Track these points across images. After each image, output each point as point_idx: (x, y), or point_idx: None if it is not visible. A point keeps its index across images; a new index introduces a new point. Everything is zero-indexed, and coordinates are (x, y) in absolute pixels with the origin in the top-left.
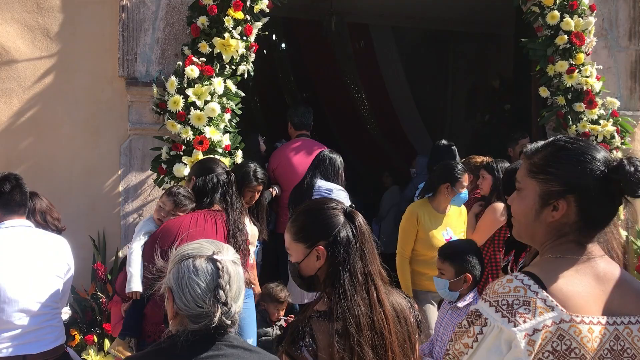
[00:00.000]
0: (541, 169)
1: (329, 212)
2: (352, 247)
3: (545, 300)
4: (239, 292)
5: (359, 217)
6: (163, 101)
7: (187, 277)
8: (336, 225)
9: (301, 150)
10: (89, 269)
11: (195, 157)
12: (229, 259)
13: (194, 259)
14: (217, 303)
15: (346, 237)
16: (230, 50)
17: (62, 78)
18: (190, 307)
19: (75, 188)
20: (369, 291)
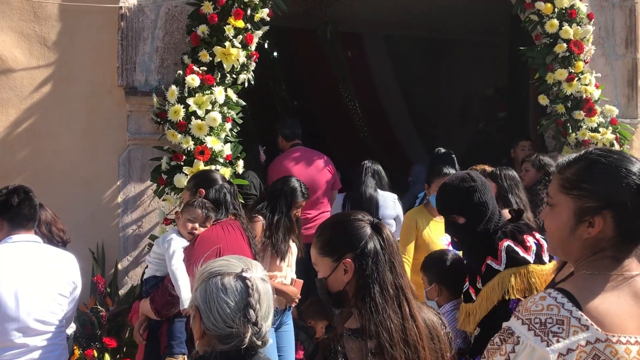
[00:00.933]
0: (574, 185)
1: (355, 223)
2: (381, 259)
3: (580, 319)
4: (268, 310)
5: (386, 229)
6: (163, 111)
7: (216, 295)
8: (363, 237)
9: (301, 160)
10: (88, 282)
11: (196, 167)
12: (258, 277)
13: (222, 277)
14: (248, 323)
15: (374, 248)
16: (231, 59)
17: (59, 87)
18: (219, 327)
19: (74, 199)
20: (400, 305)
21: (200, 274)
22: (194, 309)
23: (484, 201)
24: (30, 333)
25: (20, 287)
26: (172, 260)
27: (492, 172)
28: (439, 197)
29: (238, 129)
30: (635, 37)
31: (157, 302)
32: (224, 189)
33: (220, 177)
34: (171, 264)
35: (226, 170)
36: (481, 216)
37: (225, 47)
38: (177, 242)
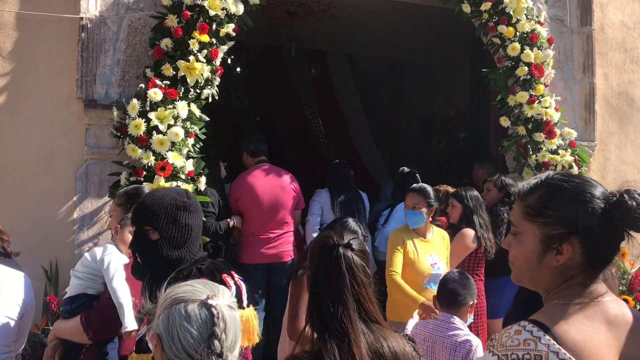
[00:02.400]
0: (539, 212)
1: (319, 243)
2: (329, 282)
3: (558, 354)
4: (235, 340)
5: (349, 254)
6: (123, 125)
7: (179, 324)
8: (320, 251)
9: (265, 178)
10: (41, 301)
11: (157, 184)
12: (225, 304)
13: (187, 304)
14: (212, 354)
15: (321, 271)
16: (195, 73)
17: (15, 99)
18: (182, 358)
19: (27, 215)
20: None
21: (164, 299)
22: (156, 337)
23: (189, 224)
24: None
25: None
26: (114, 279)
27: (457, 193)
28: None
29: (201, 145)
30: (592, 62)
31: (93, 324)
32: None
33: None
34: (113, 283)
35: (188, 187)
36: (178, 239)
37: (190, 62)
38: (117, 258)
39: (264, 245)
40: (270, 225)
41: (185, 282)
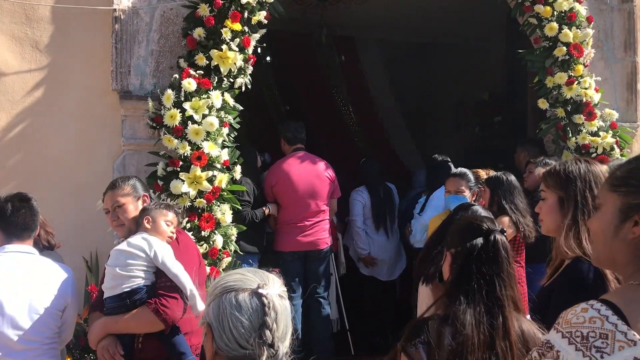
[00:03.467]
0: (623, 182)
1: (473, 224)
2: (477, 262)
3: (626, 334)
4: (286, 330)
5: (500, 239)
6: (159, 115)
7: (229, 313)
8: (470, 237)
9: (301, 165)
10: (82, 292)
11: (193, 173)
12: (275, 293)
13: (237, 293)
14: (263, 345)
15: (473, 249)
16: (228, 62)
17: (52, 92)
18: (232, 348)
19: (67, 206)
20: (491, 312)
21: (214, 288)
22: (206, 326)
23: None
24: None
25: (9, 300)
26: (174, 267)
27: (487, 178)
28: None
29: (235, 134)
30: (634, 40)
31: (174, 309)
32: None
33: None
34: (174, 270)
35: (223, 176)
36: None
37: (222, 50)
38: (165, 248)
39: (300, 233)
40: (306, 213)
41: (236, 271)
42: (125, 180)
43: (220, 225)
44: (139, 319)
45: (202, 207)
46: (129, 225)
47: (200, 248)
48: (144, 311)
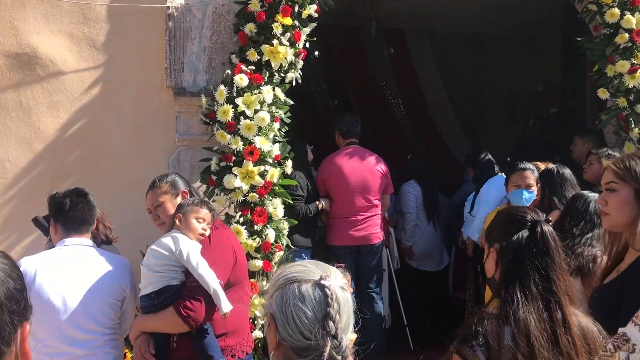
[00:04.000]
0: None
1: (515, 216)
2: (528, 255)
3: None
4: (349, 322)
5: (547, 229)
6: (212, 111)
7: (292, 304)
8: (516, 230)
9: (353, 159)
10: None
11: (245, 168)
12: (337, 285)
13: (300, 284)
14: (327, 335)
15: (521, 243)
16: (279, 57)
17: (109, 89)
18: (296, 339)
19: (124, 201)
20: (548, 307)
21: (276, 279)
22: (269, 317)
23: None
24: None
25: (70, 292)
26: (199, 266)
27: (540, 172)
28: None
29: (286, 129)
30: None
31: (198, 311)
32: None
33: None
34: (199, 270)
35: (275, 171)
36: None
37: (273, 45)
38: (192, 246)
39: (352, 228)
40: (357, 208)
41: (297, 262)
42: (163, 179)
43: (272, 220)
44: (165, 319)
45: (254, 202)
46: (169, 223)
47: (252, 242)
48: (169, 312)
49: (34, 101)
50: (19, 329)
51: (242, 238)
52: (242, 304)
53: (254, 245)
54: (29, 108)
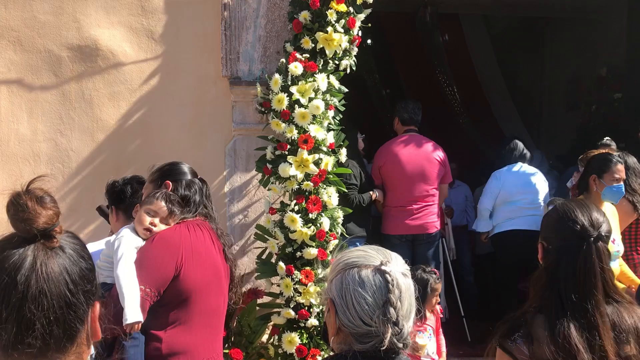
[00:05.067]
0: None
1: (565, 221)
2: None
3: None
4: (410, 309)
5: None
6: (267, 100)
7: (352, 289)
8: (564, 232)
9: (409, 145)
10: None
11: (300, 157)
12: (399, 271)
13: (360, 269)
14: (387, 322)
15: (567, 248)
16: (334, 44)
17: (167, 80)
18: (356, 324)
19: None
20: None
21: (336, 264)
22: (329, 302)
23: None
24: None
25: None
26: (120, 263)
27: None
28: None
29: (340, 117)
30: None
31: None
32: (195, 185)
33: (190, 170)
34: (117, 269)
35: (329, 159)
36: None
37: (327, 33)
38: (128, 240)
39: (408, 217)
40: (414, 196)
41: (357, 248)
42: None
43: (326, 208)
44: None
45: (309, 190)
46: None
47: (307, 230)
48: None
49: (96, 92)
50: (90, 308)
51: (296, 226)
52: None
53: (308, 233)
54: (91, 99)
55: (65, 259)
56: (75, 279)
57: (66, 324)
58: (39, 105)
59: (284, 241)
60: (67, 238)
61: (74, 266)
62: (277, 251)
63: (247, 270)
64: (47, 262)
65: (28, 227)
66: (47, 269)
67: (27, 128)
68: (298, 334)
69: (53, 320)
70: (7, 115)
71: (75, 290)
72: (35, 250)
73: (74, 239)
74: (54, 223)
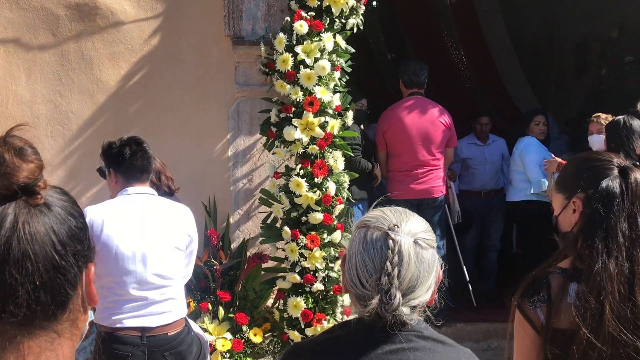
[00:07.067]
0: None
1: (598, 162)
2: (618, 205)
3: None
4: (417, 282)
5: (636, 175)
6: (271, 60)
7: (356, 249)
8: (601, 177)
9: (414, 110)
10: (202, 235)
11: (305, 119)
12: (409, 237)
13: (368, 230)
14: (379, 290)
15: (610, 191)
16: (340, 2)
17: (168, 39)
18: (356, 285)
19: (185, 153)
20: (633, 258)
21: (359, 221)
22: (342, 258)
23: None
24: (148, 286)
25: (137, 239)
26: None
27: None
28: None
29: (347, 78)
30: None
31: None
32: None
33: None
34: None
35: (335, 122)
36: None
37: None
38: None
39: (413, 181)
40: (419, 161)
41: (384, 208)
42: None
43: (332, 173)
44: None
45: (314, 154)
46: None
47: (313, 195)
48: None
49: (95, 52)
50: (84, 271)
51: (302, 191)
52: None
53: (314, 198)
54: (90, 59)
55: (52, 218)
56: (63, 239)
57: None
58: (37, 65)
59: (289, 206)
60: (53, 194)
61: (61, 225)
62: (282, 216)
63: (251, 235)
64: (30, 221)
65: (7, 183)
66: (31, 229)
67: (25, 89)
68: (303, 298)
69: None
70: (5, 76)
71: (64, 252)
72: (17, 209)
73: (62, 195)
74: (37, 177)
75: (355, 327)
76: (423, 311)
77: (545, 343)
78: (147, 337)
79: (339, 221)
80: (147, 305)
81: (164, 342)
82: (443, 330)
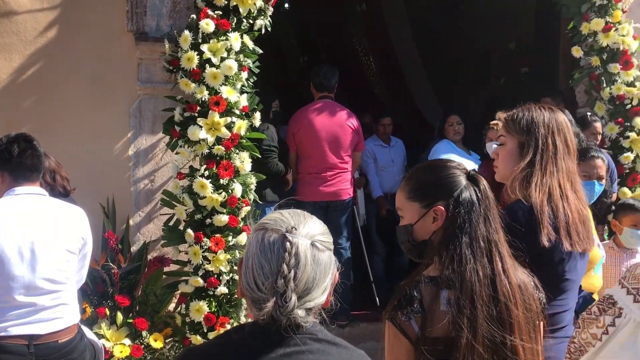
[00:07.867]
0: None
1: (451, 171)
2: (475, 211)
3: None
4: (312, 285)
5: (483, 181)
6: (176, 58)
7: (253, 252)
8: (458, 186)
9: (323, 113)
10: (99, 238)
11: (211, 119)
12: (306, 240)
13: (266, 232)
14: (274, 293)
15: (469, 199)
16: (248, 2)
17: (66, 32)
18: (251, 288)
19: (83, 152)
20: (492, 260)
21: (257, 223)
22: (239, 261)
23: None
24: (37, 292)
25: (25, 243)
26: None
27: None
28: None
29: (254, 79)
30: None
31: None
32: None
33: None
34: None
35: (242, 123)
36: None
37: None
38: None
39: (322, 183)
40: (328, 164)
41: (284, 210)
42: None
43: (239, 174)
44: None
45: (220, 155)
46: None
47: (218, 197)
48: None
49: None
50: None
51: (206, 192)
52: None
53: (219, 199)
54: None
55: None
56: None
57: None
58: None
59: (193, 207)
60: None
61: None
62: (186, 218)
63: (152, 237)
64: None
65: None
66: None
67: None
68: (207, 302)
69: None
70: None
71: None
72: None
73: None
74: None
75: (250, 330)
76: (319, 314)
77: (421, 353)
78: (35, 345)
79: (245, 223)
80: (36, 311)
81: (54, 350)
82: (347, 330)
